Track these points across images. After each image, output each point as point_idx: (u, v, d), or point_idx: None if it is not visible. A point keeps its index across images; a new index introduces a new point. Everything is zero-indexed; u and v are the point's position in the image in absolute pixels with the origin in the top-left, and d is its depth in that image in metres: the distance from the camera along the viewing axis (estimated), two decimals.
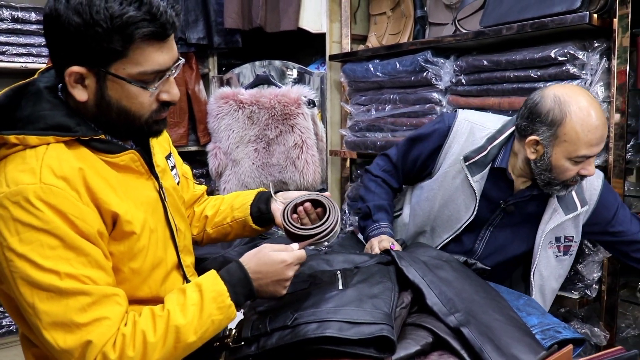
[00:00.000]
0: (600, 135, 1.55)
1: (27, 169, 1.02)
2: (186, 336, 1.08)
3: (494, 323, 1.21)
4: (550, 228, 1.72)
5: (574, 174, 1.59)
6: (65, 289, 1.00)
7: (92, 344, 1.01)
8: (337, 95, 3.03)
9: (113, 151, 1.14)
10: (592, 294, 1.97)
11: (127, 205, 1.13)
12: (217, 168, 3.02)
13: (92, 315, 1.02)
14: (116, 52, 1.03)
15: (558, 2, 1.90)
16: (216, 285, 1.13)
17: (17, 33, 2.75)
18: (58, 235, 1.01)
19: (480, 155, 1.74)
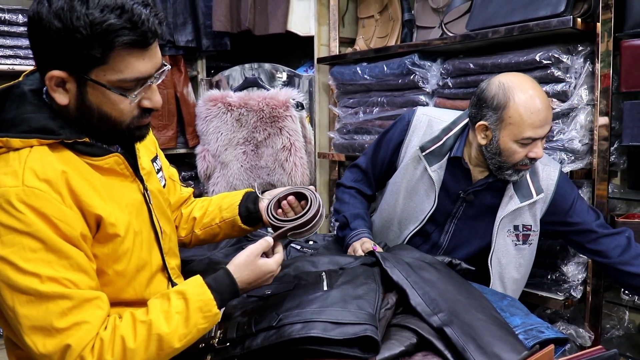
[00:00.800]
0: (544, 117, 1.61)
1: (9, 172, 1.02)
2: (170, 343, 1.08)
3: (477, 322, 1.22)
4: (506, 214, 1.76)
5: (522, 156, 1.65)
6: (45, 293, 1.00)
7: (71, 348, 1.01)
8: (325, 97, 3.04)
9: (97, 154, 1.14)
10: (577, 295, 1.99)
11: (111, 208, 1.13)
12: (205, 170, 3.02)
13: (72, 319, 1.02)
14: (96, 59, 1.03)
15: (543, 6, 1.92)
16: (203, 295, 1.13)
17: (4, 35, 2.74)
18: (40, 238, 1.00)
19: (436, 145, 1.81)
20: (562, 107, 1.91)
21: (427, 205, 1.85)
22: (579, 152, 1.93)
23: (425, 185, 1.84)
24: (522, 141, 1.63)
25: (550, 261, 2.06)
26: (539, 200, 1.76)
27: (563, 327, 2.02)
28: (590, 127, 1.94)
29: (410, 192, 1.88)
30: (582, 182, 1.99)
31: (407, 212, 1.90)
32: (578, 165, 1.94)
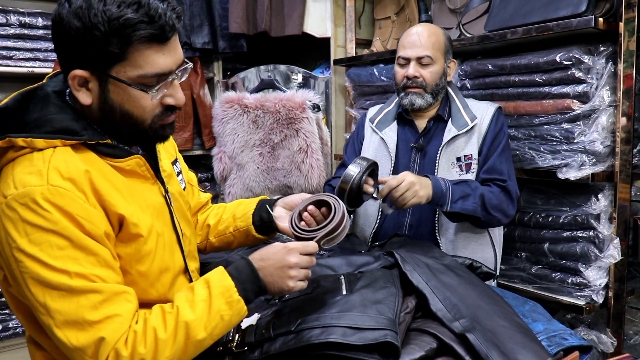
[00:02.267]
0: (412, 40, 1.90)
1: (34, 171, 1.03)
2: (196, 332, 1.07)
3: (499, 329, 1.20)
4: (445, 142, 1.89)
5: (401, 76, 1.93)
6: (76, 288, 1.01)
7: (105, 341, 1.01)
8: (341, 99, 3.03)
9: (119, 156, 1.14)
10: (599, 300, 1.96)
11: (134, 208, 1.13)
12: (222, 172, 3.02)
13: (104, 312, 1.02)
14: (115, 55, 1.04)
15: (563, 6, 1.89)
16: (224, 280, 1.13)
17: (24, 38, 2.76)
18: (66, 235, 1.01)
19: (382, 112, 2.08)
20: (583, 109, 1.88)
21: (388, 166, 1.98)
22: (601, 154, 1.90)
23: (383, 150, 2.01)
24: (398, 61, 1.94)
25: (570, 265, 2.03)
26: (475, 129, 1.88)
27: (584, 332, 1.98)
28: (612, 128, 1.91)
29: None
30: (604, 185, 1.96)
31: None
32: (600, 168, 1.91)
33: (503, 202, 1.80)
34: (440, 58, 1.92)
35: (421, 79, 1.89)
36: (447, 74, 1.96)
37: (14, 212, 1.00)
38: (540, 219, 2.12)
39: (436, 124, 1.96)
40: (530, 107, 2.04)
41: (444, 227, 1.91)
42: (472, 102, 1.97)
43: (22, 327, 2.76)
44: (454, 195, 1.71)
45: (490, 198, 1.76)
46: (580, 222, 1.99)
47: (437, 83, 1.91)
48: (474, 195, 1.73)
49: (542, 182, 2.15)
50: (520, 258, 2.23)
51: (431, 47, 1.89)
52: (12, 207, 1.01)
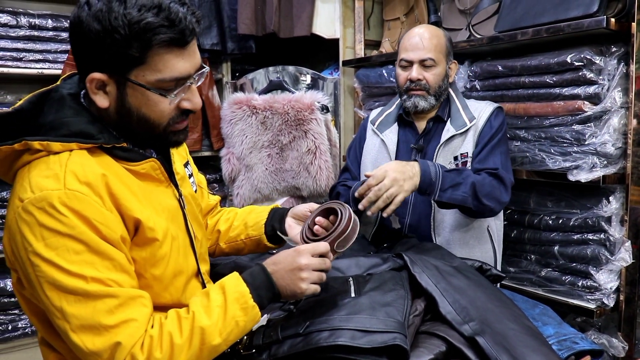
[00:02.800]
0: (414, 43, 1.91)
1: (51, 175, 1.03)
2: (211, 338, 1.07)
3: (510, 332, 1.18)
4: (443, 141, 1.90)
5: (403, 79, 1.94)
6: (92, 292, 1.01)
7: (121, 346, 1.01)
8: (350, 100, 3.03)
9: (134, 159, 1.14)
10: (610, 303, 1.94)
11: (149, 212, 1.13)
12: (230, 173, 3.02)
13: (120, 317, 1.02)
14: (135, 59, 1.04)
15: (574, 7, 1.88)
16: (239, 286, 1.13)
17: (33, 40, 2.77)
18: (83, 240, 1.01)
19: (384, 114, 2.10)
20: (594, 110, 1.87)
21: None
22: (612, 156, 1.88)
23: (384, 152, 2.03)
24: (401, 64, 1.95)
25: (581, 268, 2.02)
26: (471, 128, 1.89)
27: (595, 336, 1.96)
28: (623, 130, 1.89)
29: (375, 165, 2.03)
30: (615, 187, 1.94)
31: None
32: (611, 170, 1.89)
33: (495, 189, 1.76)
34: (443, 60, 1.93)
35: (424, 81, 1.91)
36: (449, 75, 1.97)
37: (30, 216, 1.00)
38: (551, 221, 2.10)
39: (436, 124, 1.98)
40: (540, 109, 2.03)
41: (440, 226, 1.90)
42: (472, 103, 1.98)
43: (31, 328, 2.78)
44: (444, 183, 1.68)
45: (482, 185, 1.72)
46: (591, 224, 1.97)
47: (440, 85, 1.92)
48: (464, 184, 1.70)
49: (553, 184, 2.13)
50: (530, 261, 2.21)
51: (434, 49, 1.90)
52: (29, 211, 1.00)
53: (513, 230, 2.23)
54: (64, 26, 2.83)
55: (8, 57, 2.71)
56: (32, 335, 2.79)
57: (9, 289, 2.69)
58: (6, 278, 2.71)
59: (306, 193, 2.84)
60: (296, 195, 2.93)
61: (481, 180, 1.74)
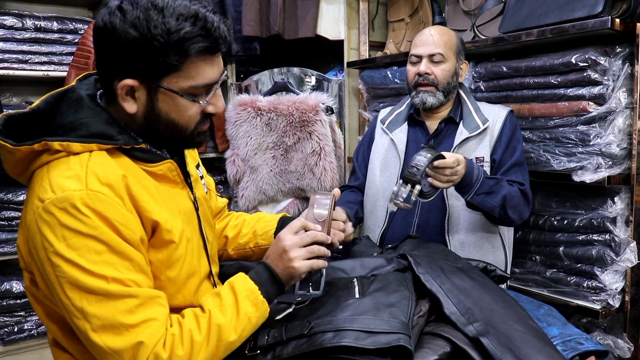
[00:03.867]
0: (424, 39, 1.93)
1: (72, 176, 1.03)
2: (227, 334, 1.09)
3: (514, 333, 1.18)
4: (456, 144, 1.89)
5: (413, 74, 1.95)
6: (113, 292, 1.01)
7: (144, 345, 1.02)
8: (355, 102, 3.03)
9: (152, 160, 1.15)
10: (615, 304, 1.93)
11: (167, 214, 1.13)
12: (235, 175, 3.02)
13: (140, 316, 1.03)
14: (171, 67, 1.05)
15: (579, 7, 1.88)
16: (247, 284, 1.16)
17: (39, 42, 2.78)
18: (104, 240, 1.02)
19: (394, 113, 2.10)
20: (599, 111, 1.86)
21: (397, 166, 2.00)
22: (617, 157, 1.88)
23: (393, 151, 2.03)
24: (411, 59, 1.96)
25: (586, 269, 2.01)
26: (487, 132, 1.89)
27: (600, 337, 1.96)
28: (628, 130, 1.89)
29: (384, 164, 2.06)
30: (620, 188, 1.93)
31: (386, 184, 2.02)
32: (616, 171, 1.89)
33: (521, 205, 1.81)
34: (452, 57, 1.92)
35: (432, 76, 1.91)
36: (459, 74, 1.96)
37: (51, 216, 1.01)
38: (555, 222, 2.10)
39: (447, 125, 1.97)
40: (545, 109, 2.03)
41: (454, 229, 1.90)
42: (484, 105, 1.97)
43: (37, 329, 2.79)
44: (481, 188, 1.71)
45: (512, 199, 1.76)
46: (596, 225, 1.96)
47: (449, 81, 1.92)
48: (497, 193, 1.73)
49: (557, 185, 2.13)
50: (534, 261, 2.21)
51: (443, 45, 1.90)
52: (50, 212, 1.01)
53: (518, 231, 2.23)
54: (69, 28, 2.84)
55: (14, 59, 2.73)
56: (38, 337, 2.80)
57: (15, 291, 2.70)
58: (12, 280, 2.72)
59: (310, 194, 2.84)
60: (301, 196, 2.94)
61: (512, 193, 1.77)
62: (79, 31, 2.86)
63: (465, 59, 1.98)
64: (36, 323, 2.80)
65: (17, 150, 1.05)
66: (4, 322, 2.76)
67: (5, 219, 2.72)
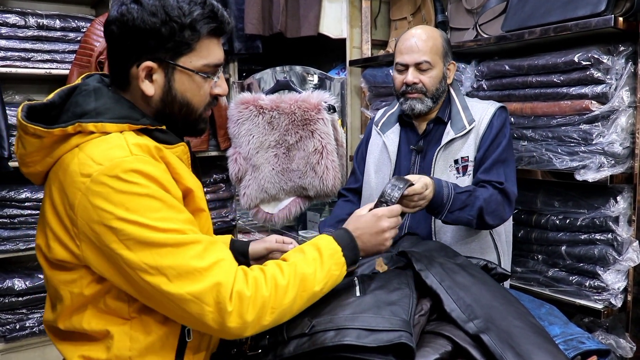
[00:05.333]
0: (409, 46, 1.88)
1: (114, 146, 1.09)
2: (312, 284, 1.17)
3: (514, 329, 1.18)
4: (442, 144, 1.88)
5: (399, 82, 1.91)
6: (179, 241, 1.07)
7: (222, 284, 1.07)
8: (357, 100, 3.03)
9: (170, 142, 1.21)
10: (617, 303, 1.93)
11: (196, 184, 1.22)
12: (237, 173, 3.02)
13: (210, 259, 1.09)
14: (186, 46, 1.16)
15: (582, 6, 1.87)
16: (331, 244, 1.24)
17: (42, 40, 2.78)
18: (159, 197, 1.08)
19: (386, 115, 2.10)
20: (602, 110, 1.86)
21: (389, 168, 2.00)
22: (620, 156, 1.87)
23: (385, 152, 2.03)
24: (397, 67, 1.92)
25: (588, 268, 2.01)
26: (472, 131, 1.87)
27: (602, 337, 1.96)
28: (631, 129, 1.88)
29: (378, 165, 2.06)
30: (623, 187, 1.93)
31: (380, 185, 2.01)
32: (619, 170, 1.88)
33: (500, 207, 1.76)
34: (439, 62, 1.89)
35: (420, 84, 1.87)
36: (447, 76, 1.93)
37: (104, 186, 1.05)
38: (558, 221, 2.09)
39: (436, 126, 1.95)
40: (547, 108, 2.02)
41: (442, 230, 1.88)
42: (474, 103, 1.95)
43: (39, 327, 2.79)
44: (453, 205, 1.67)
45: (488, 204, 1.71)
46: (599, 224, 1.96)
47: (437, 87, 1.89)
48: (472, 206, 1.69)
49: (560, 184, 2.12)
50: (536, 261, 2.21)
51: (429, 51, 1.86)
52: (102, 182, 1.05)
53: (520, 230, 2.23)
54: (71, 26, 2.84)
55: (16, 57, 2.73)
56: (39, 335, 2.80)
57: (17, 288, 2.71)
58: (14, 277, 2.72)
59: (313, 193, 2.85)
60: (303, 195, 2.94)
61: (488, 198, 1.72)
62: (82, 29, 2.86)
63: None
64: (38, 321, 2.80)
65: (48, 133, 1.10)
66: (6, 320, 2.76)
67: (7, 216, 2.72)
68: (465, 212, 1.69)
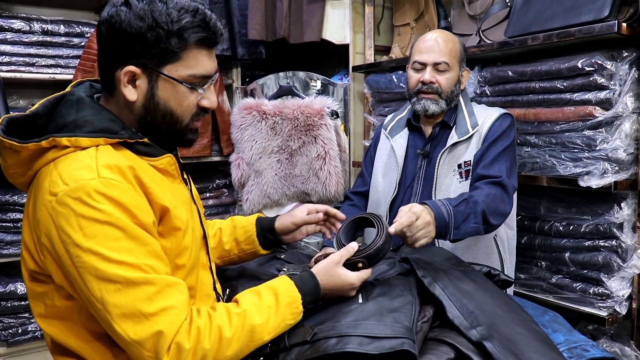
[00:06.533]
0: (429, 45, 1.89)
1: (83, 167, 1.05)
2: (261, 335, 1.12)
3: (517, 337, 1.17)
4: (445, 148, 1.88)
5: (415, 81, 1.92)
6: (131, 279, 1.02)
7: (163, 334, 1.03)
8: (360, 106, 3.03)
9: (154, 154, 1.19)
10: (622, 311, 1.92)
11: (175, 202, 1.18)
12: (239, 178, 3.02)
13: (159, 304, 1.04)
14: (173, 54, 1.12)
15: (585, 11, 1.87)
16: (292, 292, 1.19)
17: (46, 45, 2.79)
18: (120, 226, 1.03)
19: (395, 119, 2.10)
20: (605, 116, 1.85)
21: (396, 172, 2.00)
22: (624, 162, 1.87)
23: (393, 156, 2.03)
24: (414, 66, 1.93)
25: (592, 275, 2.00)
26: (475, 135, 1.87)
27: (607, 344, 1.94)
28: (635, 136, 1.88)
29: (385, 169, 2.06)
30: (627, 193, 1.92)
31: (387, 189, 2.02)
32: (622, 176, 1.87)
33: (500, 203, 1.71)
34: (456, 65, 1.91)
35: (437, 84, 1.88)
36: (461, 82, 1.94)
37: (66, 208, 1.02)
38: (561, 227, 2.09)
39: (442, 130, 1.96)
40: (551, 114, 2.01)
41: None
42: (481, 109, 1.95)
43: (40, 331, 2.78)
44: (457, 220, 1.59)
45: (489, 205, 1.67)
46: (603, 231, 1.95)
47: (452, 90, 1.90)
48: (474, 213, 1.63)
49: (563, 190, 2.12)
50: (540, 267, 2.20)
51: (448, 53, 1.88)
52: (65, 203, 1.02)
53: (523, 236, 2.22)
54: (75, 32, 2.85)
55: (21, 62, 2.74)
56: (42, 339, 2.80)
57: (19, 292, 2.71)
58: (16, 282, 2.72)
59: (315, 198, 2.84)
60: (305, 200, 2.93)
61: (486, 199, 1.67)
62: (86, 34, 2.87)
63: (466, 66, 1.97)
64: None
65: (23, 148, 1.08)
66: (8, 324, 2.76)
67: (10, 220, 2.72)
68: (470, 221, 1.63)
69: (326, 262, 1.27)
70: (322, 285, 1.24)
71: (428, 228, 1.48)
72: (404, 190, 1.98)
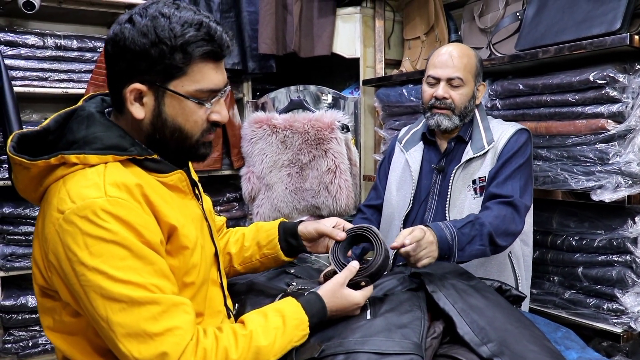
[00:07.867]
0: (444, 60, 1.87)
1: (90, 185, 1.05)
2: (267, 357, 1.11)
3: (529, 354, 1.15)
4: (460, 163, 1.86)
5: (428, 95, 1.90)
6: (136, 299, 1.02)
7: (168, 355, 1.02)
8: (370, 120, 3.03)
9: (164, 171, 1.18)
10: (637, 327, 1.88)
11: (183, 220, 1.16)
12: (250, 192, 3.03)
13: (164, 325, 1.03)
14: (177, 69, 1.10)
15: (597, 24, 1.86)
16: (299, 314, 1.19)
17: (59, 60, 2.83)
18: (126, 245, 1.03)
19: (410, 132, 2.09)
20: (618, 129, 1.83)
21: (410, 186, 1.98)
22: (637, 176, 1.84)
23: (407, 171, 2.01)
24: (427, 80, 1.92)
25: (606, 290, 1.96)
26: (490, 151, 1.85)
27: None
28: None
29: (400, 183, 2.04)
30: None
31: (402, 203, 2.00)
32: (636, 190, 1.85)
33: (510, 224, 1.69)
34: (471, 80, 1.88)
35: (450, 100, 1.85)
36: (476, 97, 1.91)
37: (73, 226, 1.02)
38: (574, 242, 2.06)
39: (457, 145, 1.93)
40: (562, 128, 2.00)
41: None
42: (497, 124, 1.93)
43: (51, 344, 2.78)
44: (461, 243, 1.57)
45: (497, 227, 1.64)
46: (616, 245, 1.92)
47: (466, 106, 1.87)
48: (479, 235, 1.61)
49: (576, 205, 2.09)
50: (552, 282, 2.17)
51: (463, 68, 1.85)
52: (71, 221, 1.02)
53: (535, 251, 2.19)
54: (88, 47, 2.88)
55: (34, 77, 2.77)
56: (52, 352, 2.80)
57: (30, 306, 2.71)
58: (27, 295, 2.73)
59: (326, 212, 2.83)
60: (316, 214, 2.92)
61: (494, 220, 1.65)
62: (98, 49, 2.90)
63: (483, 80, 1.95)
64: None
65: (33, 165, 1.08)
66: (19, 337, 2.77)
67: (22, 233, 2.74)
68: (475, 243, 1.61)
69: (332, 284, 1.26)
70: (329, 307, 1.23)
71: (431, 248, 1.48)
72: (418, 204, 1.96)
